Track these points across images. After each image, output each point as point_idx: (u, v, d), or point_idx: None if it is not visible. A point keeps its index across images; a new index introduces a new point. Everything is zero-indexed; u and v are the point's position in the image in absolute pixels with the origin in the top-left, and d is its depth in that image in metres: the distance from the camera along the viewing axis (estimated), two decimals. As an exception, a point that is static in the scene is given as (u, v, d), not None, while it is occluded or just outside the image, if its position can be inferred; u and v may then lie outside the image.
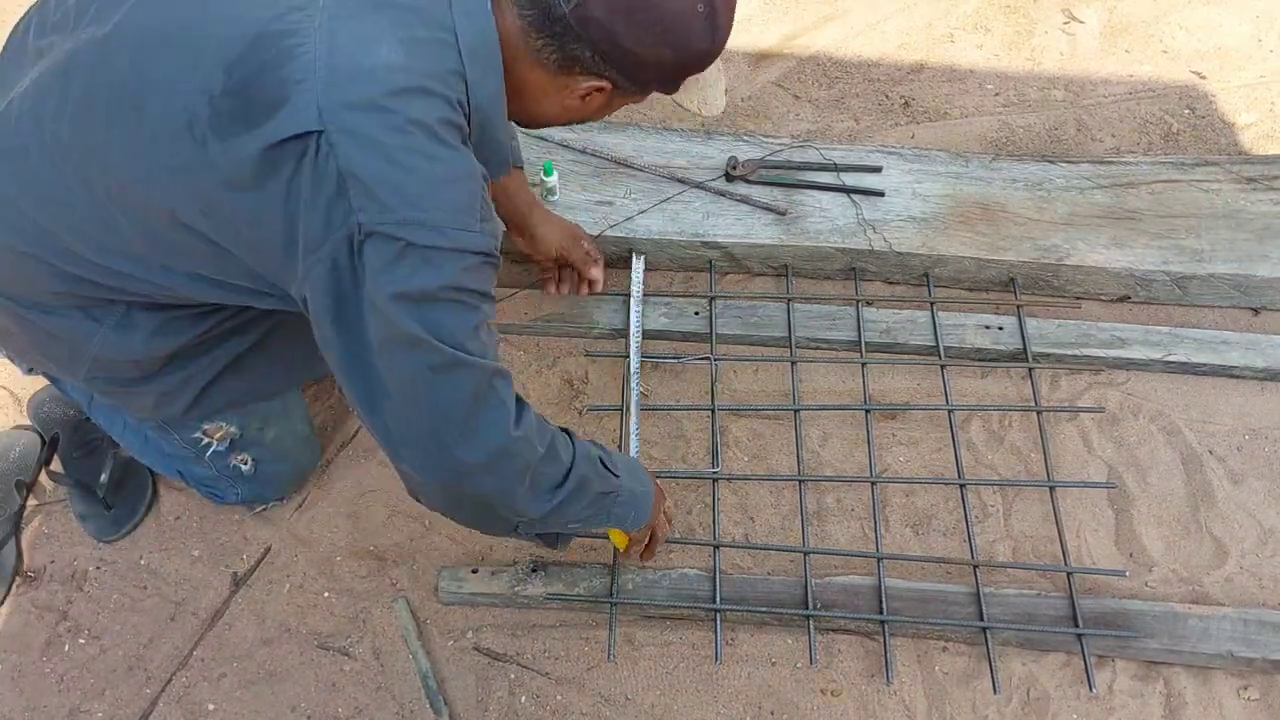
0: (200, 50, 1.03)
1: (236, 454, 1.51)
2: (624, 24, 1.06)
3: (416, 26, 1.05)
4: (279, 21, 1.01)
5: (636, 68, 1.11)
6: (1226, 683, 1.48)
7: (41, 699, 1.49)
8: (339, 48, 1.00)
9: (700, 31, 1.10)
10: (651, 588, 1.54)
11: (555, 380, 1.82)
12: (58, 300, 1.23)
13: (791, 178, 1.98)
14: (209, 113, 1.01)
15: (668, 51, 1.10)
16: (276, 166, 0.99)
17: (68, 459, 1.68)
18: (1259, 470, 1.70)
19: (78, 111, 1.08)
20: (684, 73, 1.16)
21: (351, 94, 0.99)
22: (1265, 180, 1.97)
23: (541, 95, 1.16)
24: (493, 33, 1.09)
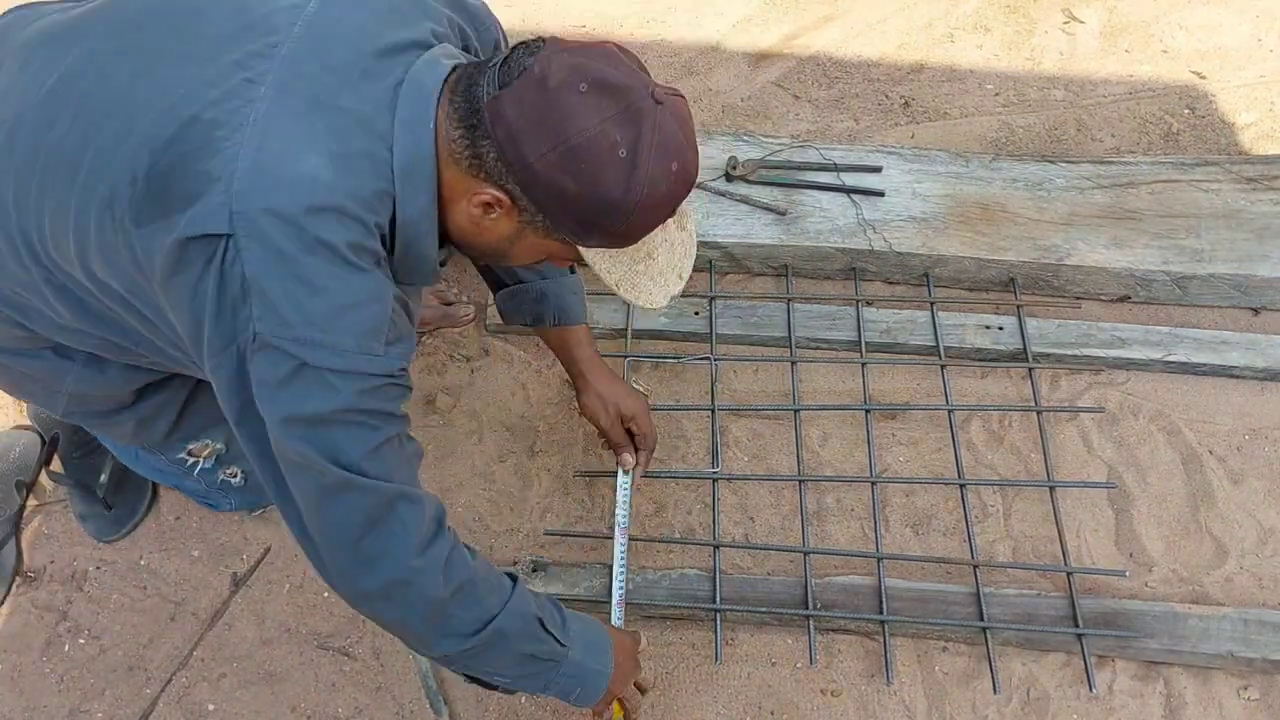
0: (134, 123, 0.98)
1: (225, 468, 1.52)
2: (530, 131, 0.96)
3: (352, 138, 0.99)
4: (215, 108, 0.97)
5: (537, 188, 0.99)
6: (1226, 683, 1.48)
7: (41, 699, 1.49)
8: (265, 150, 0.95)
9: (613, 176, 0.97)
10: (651, 588, 1.54)
11: (555, 380, 1.82)
12: (30, 344, 1.23)
13: (791, 178, 1.98)
14: (129, 194, 0.97)
15: (570, 183, 0.97)
16: (185, 264, 0.96)
17: (68, 459, 1.68)
18: (1259, 470, 1.70)
19: (21, 173, 1.04)
20: (592, 222, 1.02)
21: (266, 202, 0.94)
22: (1265, 180, 1.97)
23: (452, 197, 1.06)
24: (429, 148, 1.02)
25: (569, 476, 1.70)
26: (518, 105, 0.96)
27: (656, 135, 0.98)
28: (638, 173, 0.98)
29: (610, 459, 1.71)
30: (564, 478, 1.70)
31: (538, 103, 0.96)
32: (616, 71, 0.99)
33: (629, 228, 1.03)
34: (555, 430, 1.76)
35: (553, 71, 0.97)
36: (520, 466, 1.71)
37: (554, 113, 0.95)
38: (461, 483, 1.69)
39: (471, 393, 1.80)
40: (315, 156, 0.96)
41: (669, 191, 1.02)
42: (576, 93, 0.96)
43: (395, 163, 1.01)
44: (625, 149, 0.97)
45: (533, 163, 0.97)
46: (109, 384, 1.28)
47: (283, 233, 0.95)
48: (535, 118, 0.96)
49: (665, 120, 1.00)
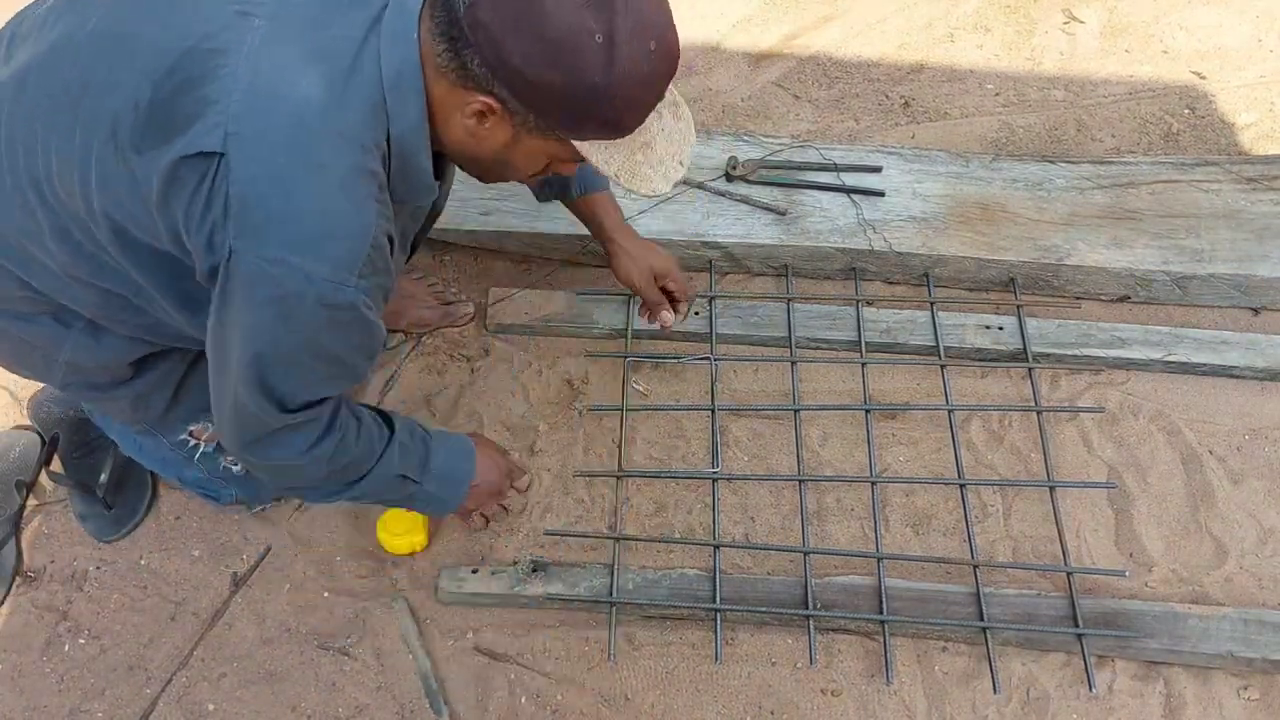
0: (137, 58, 1.03)
1: (226, 455, 1.52)
2: (509, 32, 0.98)
3: (342, 57, 1.03)
4: (212, 39, 1.01)
5: (524, 89, 1.02)
6: (1226, 683, 1.48)
7: (41, 699, 1.49)
8: (260, 74, 0.99)
9: (592, 61, 0.99)
10: (651, 588, 1.54)
11: (555, 380, 1.82)
12: (30, 307, 1.24)
13: (791, 178, 1.98)
14: (131, 121, 1.02)
15: (555, 75, 1.00)
16: (179, 182, 1.01)
17: (68, 459, 1.68)
18: (1259, 470, 1.70)
19: (28, 118, 1.09)
20: (581, 112, 1.04)
21: (260, 124, 0.99)
22: (1265, 180, 1.97)
23: (445, 113, 1.09)
24: (414, 61, 1.05)
25: (569, 476, 1.70)
26: (493, 9, 0.99)
27: (630, 17, 1.00)
28: (617, 55, 0.99)
29: (611, 461, 1.71)
30: (564, 478, 1.70)
31: (512, 3, 0.98)
32: None
33: (617, 113, 1.05)
34: (555, 430, 1.76)
35: None
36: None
37: (529, 10, 0.98)
38: (461, 483, 1.69)
39: (471, 393, 1.80)
40: (308, 79, 1.01)
41: (651, 70, 1.04)
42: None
43: (384, 76, 1.05)
44: (601, 34, 0.98)
45: (516, 63, 0.99)
46: (105, 353, 1.29)
47: (275, 153, 0.99)
48: (511, 18, 0.98)
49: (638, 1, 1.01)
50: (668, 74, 1.08)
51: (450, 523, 1.65)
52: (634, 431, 1.75)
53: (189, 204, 1.01)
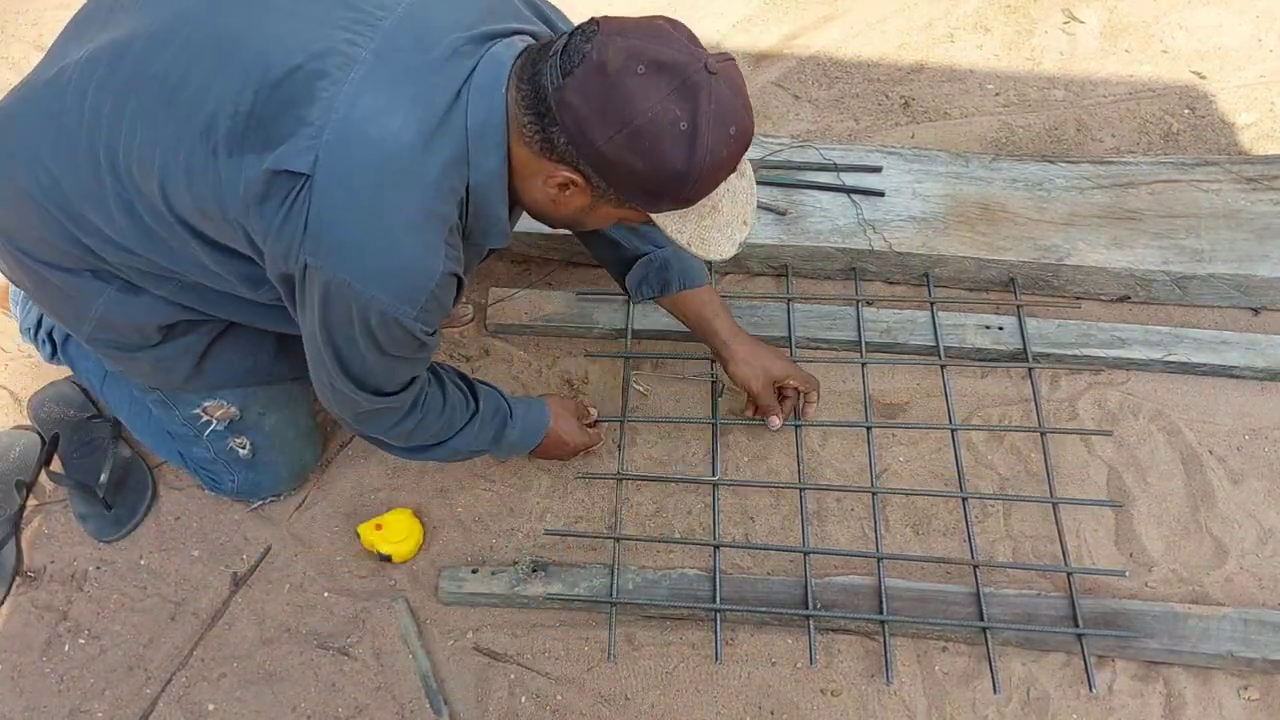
0: (242, 64, 1.07)
1: (235, 436, 1.53)
2: (596, 117, 1.03)
3: (435, 105, 1.08)
4: (319, 60, 1.06)
5: (606, 168, 1.07)
6: (1226, 683, 1.48)
7: (41, 699, 1.49)
8: (358, 107, 1.04)
9: (675, 149, 1.04)
10: (651, 588, 1.54)
11: (555, 380, 1.82)
12: (68, 259, 1.27)
13: (791, 178, 1.98)
14: (228, 125, 1.07)
15: (637, 161, 1.04)
16: (267, 195, 1.06)
17: (68, 459, 1.68)
18: (1259, 470, 1.70)
19: (120, 93, 1.13)
20: (662, 192, 1.09)
21: (350, 155, 1.04)
22: (1265, 180, 1.97)
23: (525, 175, 1.15)
24: (500, 114, 1.10)
25: (569, 476, 1.70)
26: (581, 93, 1.03)
27: (713, 105, 1.04)
28: (699, 143, 1.04)
29: (611, 462, 1.72)
30: (564, 478, 1.70)
31: (600, 89, 1.02)
32: (670, 49, 1.05)
33: (695, 192, 1.11)
34: (555, 430, 1.76)
35: (610, 57, 1.03)
36: (520, 466, 1.71)
37: (616, 97, 1.02)
38: (461, 483, 1.69)
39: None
40: (402, 119, 1.05)
41: (729, 154, 1.09)
42: (635, 75, 1.02)
43: (469, 125, 1.09)
44: (685, 122, 1.03)
45: (601, 146, 1.04)
46: (138, 314, 1.32)
47: (356, 185, 1.05)
48: (599, 104, 1.02)
49: (720, 89, 1.06)
50: (742, 153, 1.13)
51: (450, 522, 1.65)
52: (634, 432, 1.75)
53: (272, 215, 1.07)
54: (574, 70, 1.04)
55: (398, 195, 1.07)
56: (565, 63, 1.05)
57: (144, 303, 1.31)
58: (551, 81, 1.05)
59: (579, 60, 1.04)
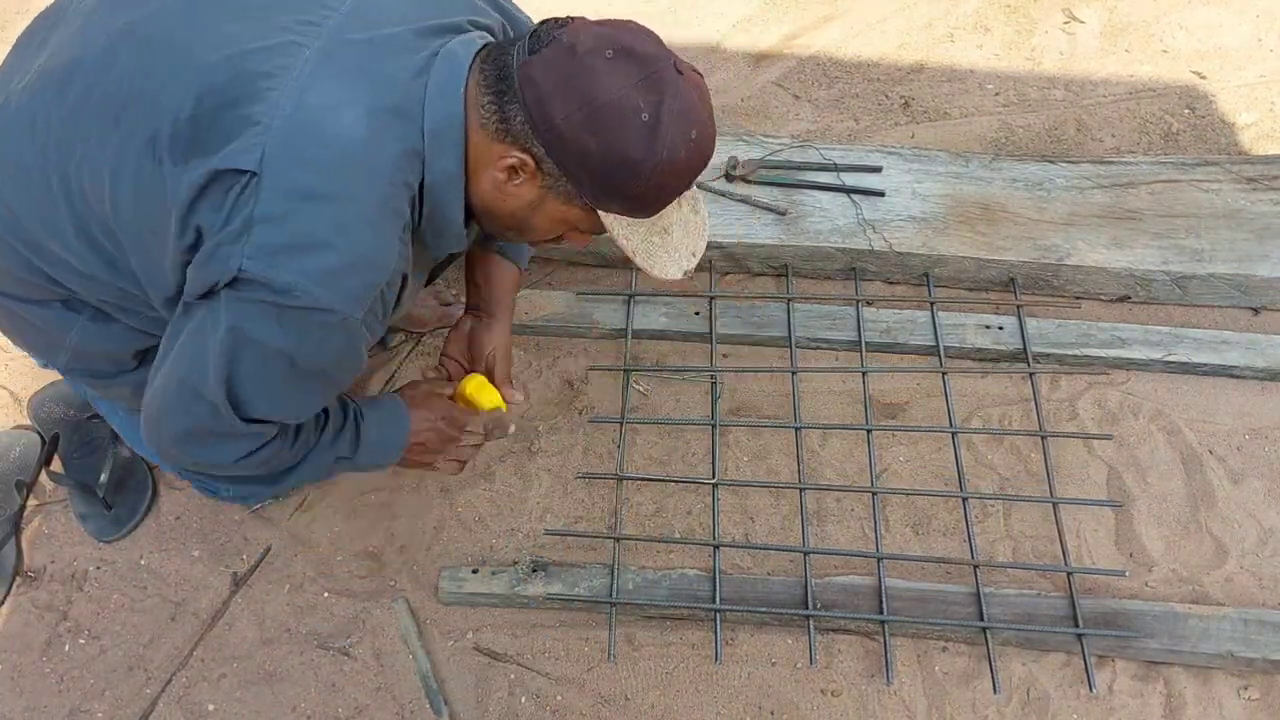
0: (185, 70, 1.04)
1: None
2: (558, 92, 1.01)
3: (386, 97, 1.04)
4: (262, 61, 1.02)
5: (561, 147, 1.04)
6: (1226, 683, 1.48)
7: (41, 699, 1.49)
8: (306, 103, 1.00)
9: (635, 137, 1.02)
10: (651, 588, 1.54)
11: (555, 380, 1.82)
12: (41, 293, 1.24)
13: (791, 178, 1.98)
14: (170, 132, 1.02)
15: (593, 142, 1.02)
16: (207, 193, 1.01)
17: (68, 459, 1.68)
18: (1259, 470, 1.70)
19: (69, 115, 1.09)
20: (612, 183, 1.06)
21: (298, 151, 0.99)
22: (1265, 180, 1.97)
23: (478, 164, 1.11)
24: (458, 115, 1.07)
25: (569, 476, 1.70)
26: (546, 69, 1.02)
27: (677, 102, 1.03)
28: (659, 136, 1.02)
29: (611, 461, 1.72)
30: (564, 478, 1.70)
31: (566, 67, 1.01)
32: (642, 42, 1.04)
33: (646, 191, 1.07)
34: (555, 430, 1.76)
35: (581, 40, 1.02)
36: (520, 466, 1.72)
37: (581, 76, 1.01)
38: (462, 483, 1.69)
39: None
40: (352, 114, 1.02)
41: (686, 159, 1.06)
42: (603, 58, 1.01)
43: (425, 124, 1.06)
44: (648, 112, 1.02)
45: (558, 123, 1.02)
46: (112, 341, 1.29)
47: (306, 182, 1.00)
48: (562, 80, 1.01)
49: (687, 90, 1.04)
50: (700, 166, 1.10)
51: (451, 522, 1.65)
52: (634, 433, 1.75)
53: (211, 215, 1.01)
54: (541, 49, 1.03)
55: (350, 188, 1.02)
56: (534, 43, 1.04)
57: (116, 330, 1.27)
58: (517, 59, 1.04)
59: (548, 41, 1.03)
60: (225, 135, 1.00)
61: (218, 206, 1.00)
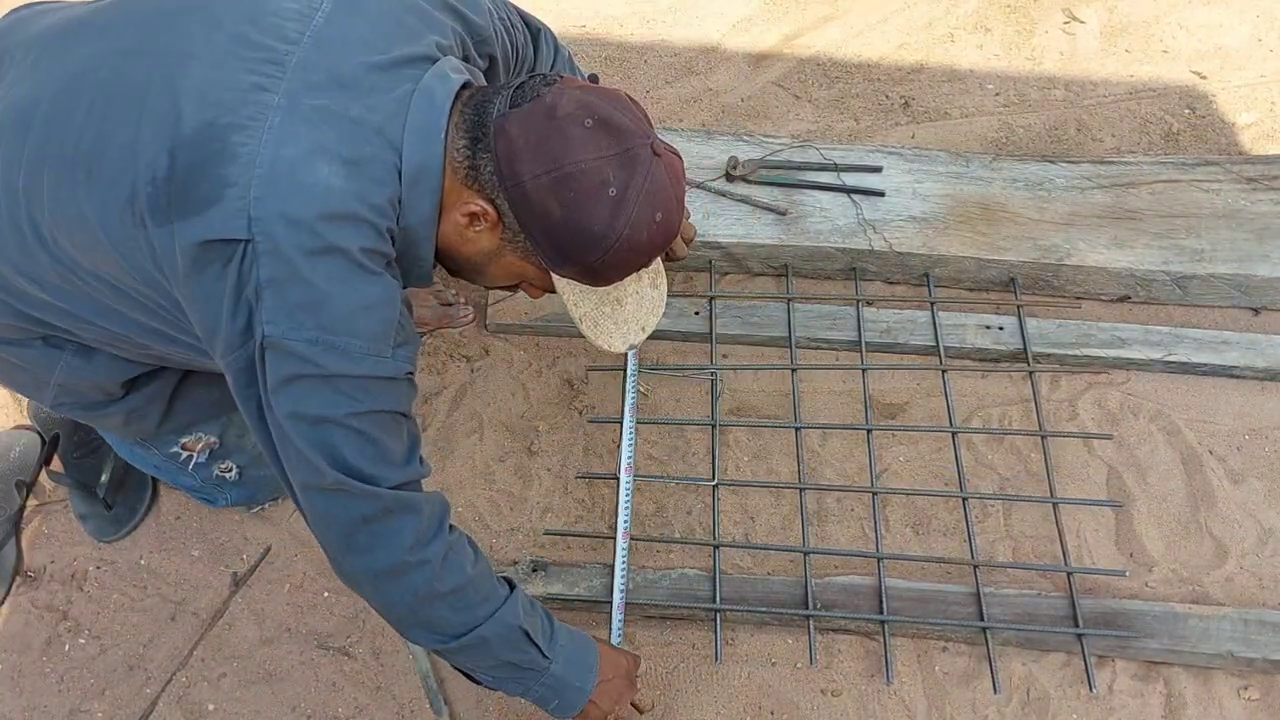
0: (153, 125, 1.01)
1: (219, 463, 1.52)
2: (529, 151, 1.01)
3: (363, 144, 1.02)
4: (231, 113, 0.99)
5: (524, 206, 1.03)
6: (1226, 683, 1.48)
7: (41, 699, 1.49)
8: (280, 158, 0.98)
9: (599, 210, 1.02)
10: (651, 588, 1.54)
11: (555, 380, 1.82)
12: (20, 334, 1.21)
13: (791, 178, 1.98)
14: (149, 192, 1.00)
15: (556, 208, 1.02)
16: (204, 265, 0.99)
17: (68, 459, 1.68)
18: (1259, 470, 1.70)
19: (32, 163, 1.06)
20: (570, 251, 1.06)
21: (282, 209, 0.98)
22: (1265, 180, 1.97)
23: (447, 205, 1.09)
24: (438, 159, 1.05)
25: (569, 476, 1.70)
26: (522, 125, 1.01)
27: (647, 183, 1.03)
28: (622, 213, 1.03)
29: (611, 461, 1.71)
30: (564, 478, 1.70)
31: (542, 128, 1.01)
32: (623, 116, 1.04)
33: (603, 265, 1.08)
34: (555, 430, 1.76)
35: (563, 103, 1.02)
36: (520, 466, 1.72)
37: (555, 139, 1.00)
38: (462, 482, 1.69)
39: (471, 393, 1.80)
40: (328, 165, 0.99)
41: (648, 240, 1.07)
42: (581, 126, 1.01)
43: (404, 170, 1.04)
44: (615, 188, 1.02)
45: (525, 181, 1.02)
46: (97, 374, 1.27)
47: (298, 239, 0.98)
48: (536, 140, 1.01)
49: (659, 172, 1.04)
50: (662, 247, 1.11)
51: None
52: (634, 433, 1.75)
53: (214, 285, 1.00)
54: (523, 104, 1.02)
55: (341, 238, 0.99)
56: (517, 96, 1.03)
57: (101, 362, 1.26)
58: (498, 110, 1.03)
59: (531, 97, 1.03)
60: (204, 199, 0.98)
61: (219, 278, 0.99)
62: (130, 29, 1.07)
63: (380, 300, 1.04)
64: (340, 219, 1.00)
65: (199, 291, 1.01)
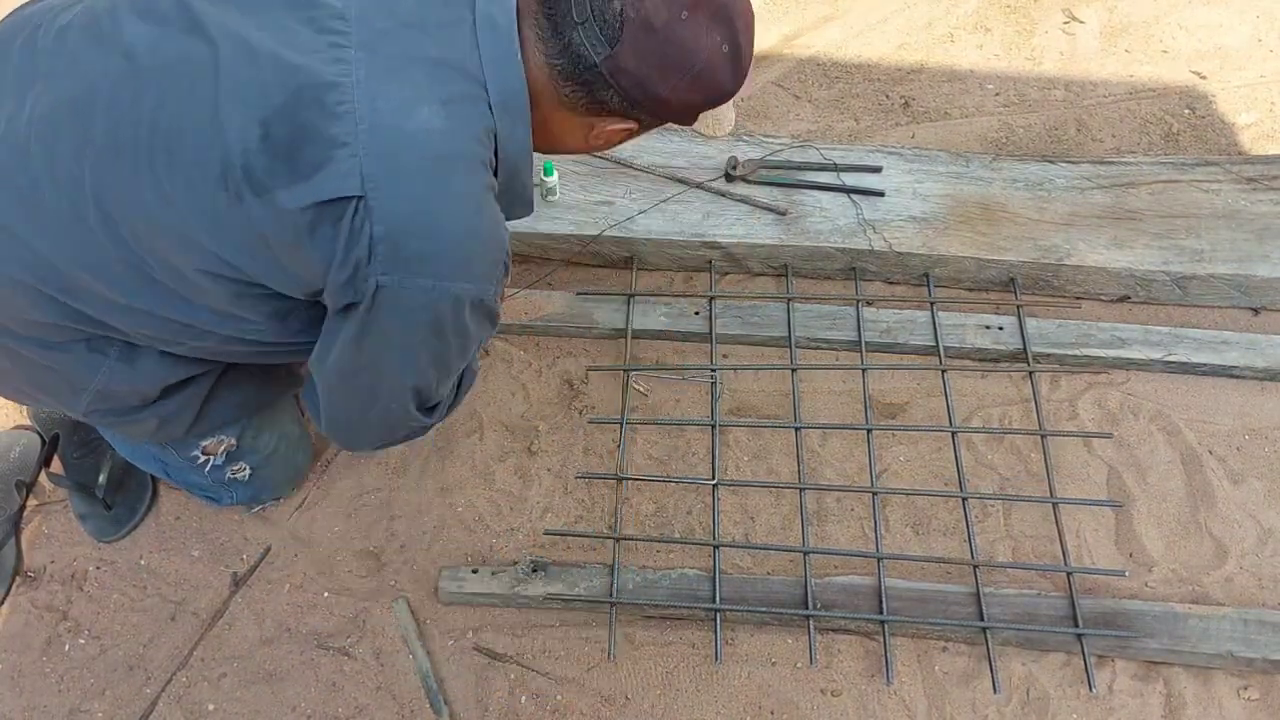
0: (233, 96, 1.00)
1: (233, 464, 1.51)
2: (657, 74, 1.07)
3: (451, 83, 1.05)
4: (316, 72, 1.00)
5: (665, 110, 1.12)
6: (1226, 683, 1.48)
7: (41, 699, 1.49)
8: (381, 110, 1.00)
9: (727, 74, 1.11)
10: (651, 588, 1.54)
11: (555, 380, 1.82)
12: (57, 334, 1.19)
13: (791, 178, 1.98)
14: (243, 164, 1.00)
15: (698, 96, 1.11)
16: (315, 226, 1.01)
17: (68, 459, 1.68)
18: (1259, 470, 1.70)
19: (102, 153, 1.04)
20: (708, 109, 1.16)
21: (395, 162, 1.00)
22: (1265, 180, 1.97)
23: (566, 134, 1.17)
24: (521, 83, 1.09)
25: (569, 476, 1.70)
26: (636, 56, 1.05)
27: (742, 22, 1.10)
28: (740, 61, 1.11)
29: (611, 461, 1.71)
30: (564, 478, 1.70)
31: (654, 48, 1.05)
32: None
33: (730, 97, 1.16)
34: (555, 430, 1.76)
35: (650, 11, 1.04)
36: (520, 466, 1.72)
37: (673, 51, 1.05)
38: (462, 482, 1.69)
39: (471, 392, 1.80)
40: (427, 108, 1.02)
41: (752, 54, 1.16)
42: (681, 24, 1.05)
43: (491, 98, 1.08)
44: (728, 45, 1.08)
45: (664, 96, 1.09)
46: (138, 379, 1.25)
47: (412, 188, 1.01)
48: (656, 63, 1.06)
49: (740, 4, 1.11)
50: None
51: (451, 522, 1.65)
52: (634, 432, 1.75)
53: (330, 245, 1.02)
54: (620, 37, 1.04)
55: (454, 182, 1.05)
56: (605, 30, 1.04)
57: (146, 366, 1.25)
58: (597, 53, 1.05)
59: (619, 24, 1.04)
60: (313, 162, 0.99)
61: (333, 237, 1.01)
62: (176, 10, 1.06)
63: (490, 239, 1.10)
64: (449, 160, 1.04)
65: (309, 253, 1.04)
